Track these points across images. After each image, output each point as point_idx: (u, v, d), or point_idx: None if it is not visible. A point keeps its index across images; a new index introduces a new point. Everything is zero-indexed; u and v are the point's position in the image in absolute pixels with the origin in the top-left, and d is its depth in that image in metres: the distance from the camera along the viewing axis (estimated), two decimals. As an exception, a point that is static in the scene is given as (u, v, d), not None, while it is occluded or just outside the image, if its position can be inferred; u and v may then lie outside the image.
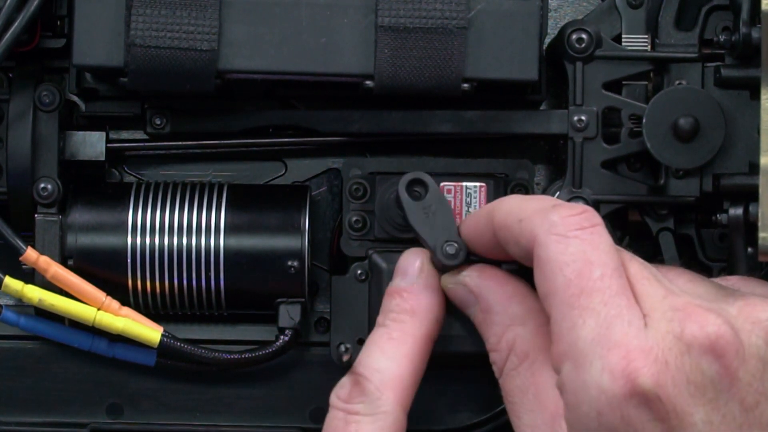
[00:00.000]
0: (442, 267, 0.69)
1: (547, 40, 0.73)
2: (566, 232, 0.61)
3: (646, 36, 0.73)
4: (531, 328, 0.65)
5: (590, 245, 0.60)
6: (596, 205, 0.72)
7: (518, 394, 0.64)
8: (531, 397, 0.64)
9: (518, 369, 0.65)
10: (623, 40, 0.73)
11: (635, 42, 0.73)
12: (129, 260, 0.73)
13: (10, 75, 0.75)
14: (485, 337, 0.67)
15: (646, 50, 0.73)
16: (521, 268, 0.67)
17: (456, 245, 0.68)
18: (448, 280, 0.68)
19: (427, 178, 0.70)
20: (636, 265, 0.62)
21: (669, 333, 0.58)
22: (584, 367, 0.59)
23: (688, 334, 0.58)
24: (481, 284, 0.67)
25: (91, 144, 0.75)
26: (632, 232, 0.75)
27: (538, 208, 0.63)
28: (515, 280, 0.67)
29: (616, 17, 0.73)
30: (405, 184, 0.70)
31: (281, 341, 0.74)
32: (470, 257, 0.68)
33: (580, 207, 0.62)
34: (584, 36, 0.72)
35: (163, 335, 0.73)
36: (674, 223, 0.74)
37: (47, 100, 0.73)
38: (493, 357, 0.66)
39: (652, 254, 0.74)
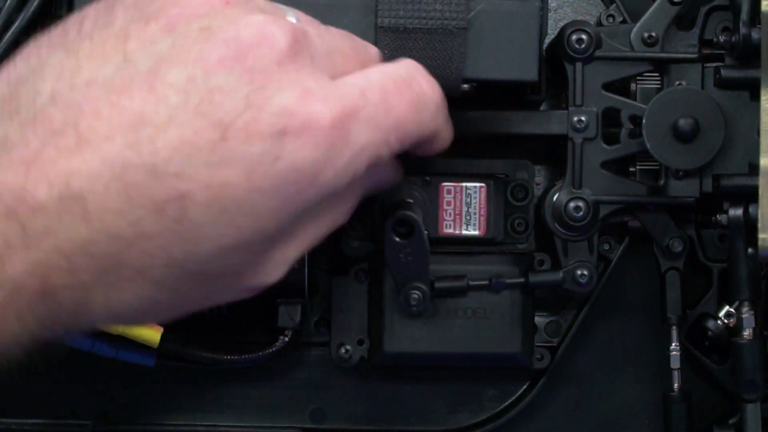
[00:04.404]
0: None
1: (547, 41, 0.73)
2: None
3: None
4: None
5: None
6: (596, 205, 0.72)
7: None
8: None
9: None
10: None
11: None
12: (129, 260, 0.73)
13: (10, 75, 0.75)
14: None
15: (646, 50, 0.73)
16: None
17: (419, 295, 0.69)
18: None
19: (417, 223, 0.69)
20: None
21: None
22: None
23: None
24: None
25: (91, 144, 0.75)
26: (631, 235, 0.75)
27: None
28: None
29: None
30: (394, 220, 0.69)
31: (281, 341, 0.74)
32: (434, 298, 0.69)
33: None
34: (584, 36, 0.72)
35: (163, 335, 0.73)
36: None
37: (47, 101, 0.73)
38: None
39: (652, 256, 0.75)
